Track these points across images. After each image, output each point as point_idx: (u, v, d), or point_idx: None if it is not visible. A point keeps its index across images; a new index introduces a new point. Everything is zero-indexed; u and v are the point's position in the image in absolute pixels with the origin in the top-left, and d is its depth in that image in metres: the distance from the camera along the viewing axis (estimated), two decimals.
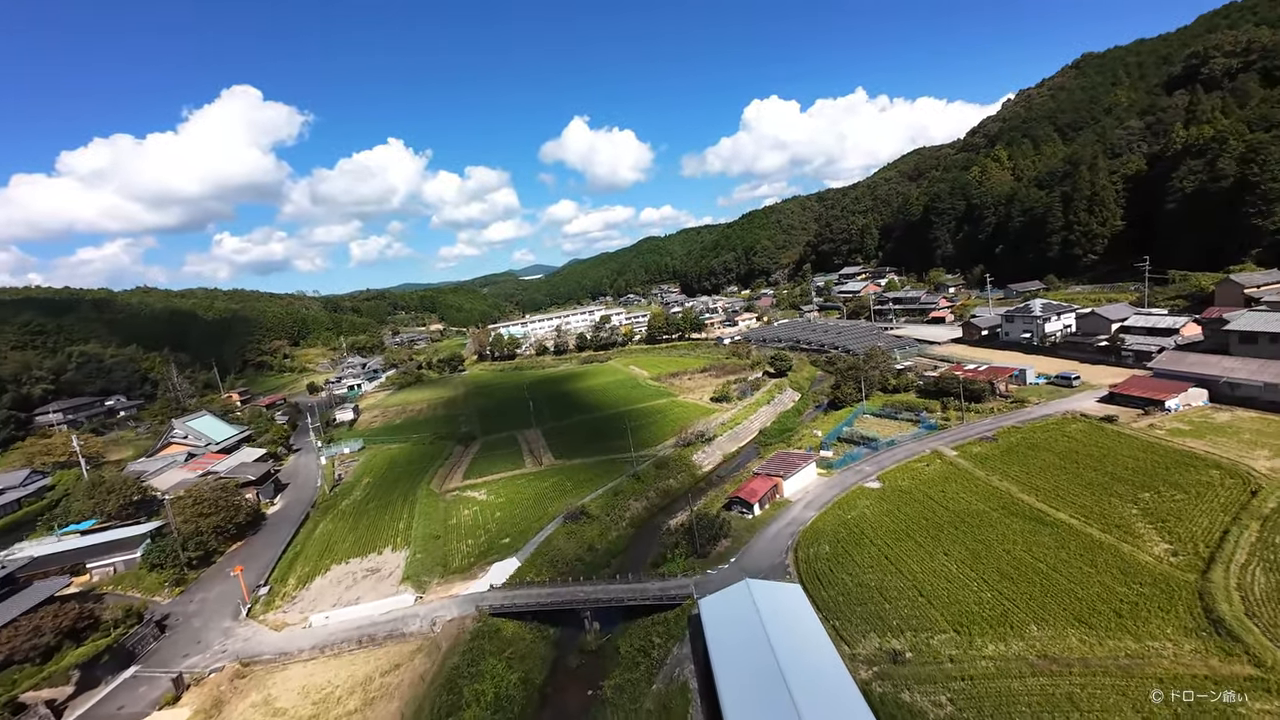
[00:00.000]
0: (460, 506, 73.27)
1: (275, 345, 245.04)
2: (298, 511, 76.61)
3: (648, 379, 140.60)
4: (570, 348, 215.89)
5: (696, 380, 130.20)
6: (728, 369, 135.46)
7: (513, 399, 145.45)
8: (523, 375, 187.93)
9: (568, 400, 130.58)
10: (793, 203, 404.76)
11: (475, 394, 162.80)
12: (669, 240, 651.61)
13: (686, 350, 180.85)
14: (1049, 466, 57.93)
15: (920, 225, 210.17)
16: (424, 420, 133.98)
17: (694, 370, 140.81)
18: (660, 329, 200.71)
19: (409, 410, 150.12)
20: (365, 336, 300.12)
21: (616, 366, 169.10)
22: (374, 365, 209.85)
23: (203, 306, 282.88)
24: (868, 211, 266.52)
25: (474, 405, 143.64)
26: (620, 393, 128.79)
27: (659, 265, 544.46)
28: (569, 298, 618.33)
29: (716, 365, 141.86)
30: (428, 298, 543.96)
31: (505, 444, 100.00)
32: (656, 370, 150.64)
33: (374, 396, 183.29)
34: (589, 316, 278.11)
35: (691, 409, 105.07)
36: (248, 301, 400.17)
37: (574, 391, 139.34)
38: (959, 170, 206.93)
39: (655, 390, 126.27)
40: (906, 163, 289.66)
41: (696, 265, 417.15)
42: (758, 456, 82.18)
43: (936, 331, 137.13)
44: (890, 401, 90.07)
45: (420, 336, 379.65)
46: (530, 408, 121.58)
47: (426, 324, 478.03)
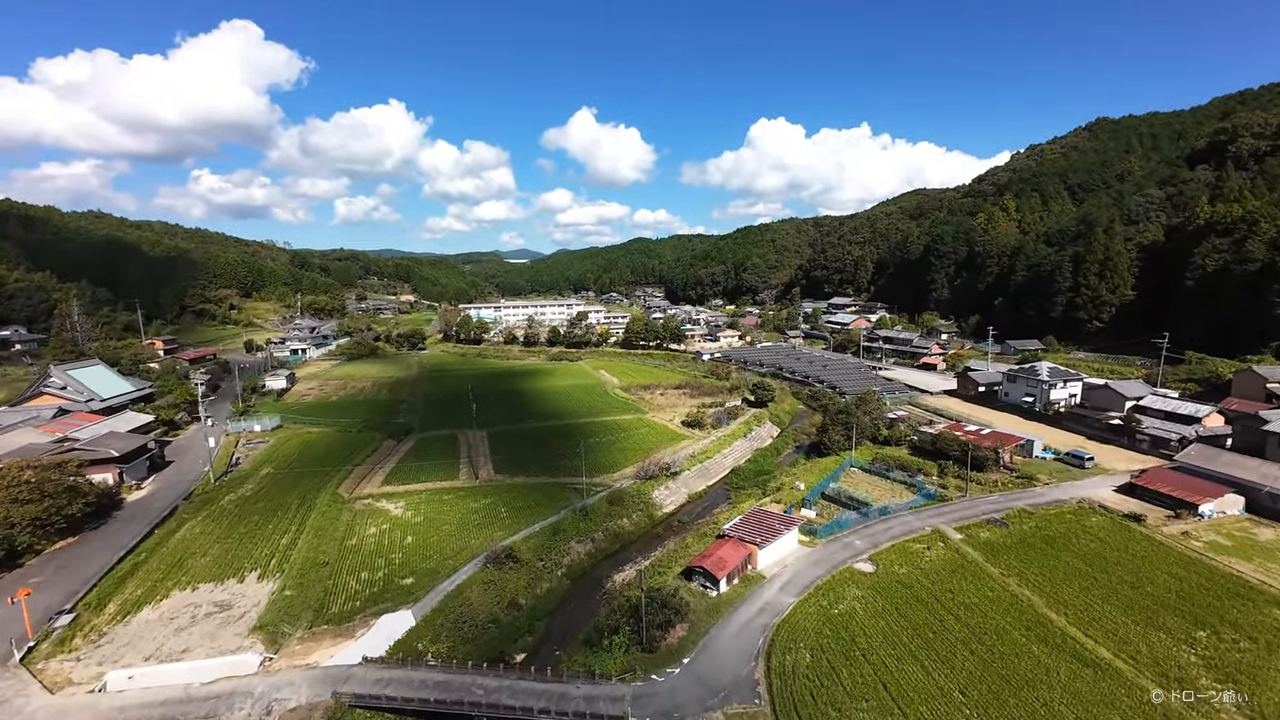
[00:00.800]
0: (368, 522, 60.33)
1: (221, 294, 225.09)
2: (165, 503, 62.41)
3: (617, 388, 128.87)
4: (541, 340, 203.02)
5: (669, 397, 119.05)
6: (704, 389, 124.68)
7: (468, 388, 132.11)
8: (484, 364, 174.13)
9: (526, 401, 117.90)
10: (789, 224, 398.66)
11: (428, 378, 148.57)
12: (660, 244, 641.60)
13: (663, 361, 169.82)
14: (1075, 573, 48.25)
15: (918, 265, 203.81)
16: (363, 401, 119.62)
17: (668, 385, 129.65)
18: (638, 334, 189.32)
19: (351, 386, 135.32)
20: (326, 298, 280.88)
21: (586, 369, 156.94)
22: (325, 330, 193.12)
23: (149, 241, 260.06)
24: (865, 243, 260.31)
25: (422, 391, 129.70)
26: (585, 400, 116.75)
27: (646, 267, 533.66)
28: (551, 287, 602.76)
29: (693, 384, 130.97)
30: (403, 266, 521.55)
31: (443, 445, 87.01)
32: (628, 379, 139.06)
33: (318, 365, 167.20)
34: (566, 310, 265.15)
35: (659, 431, 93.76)
36: (207, 243, 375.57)
37: (535, 392, 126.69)
38: (964, 215, 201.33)
39: (623, 403, 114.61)
40: (909, 200, 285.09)
41: (684, 273, 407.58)
42: (728, 503, 71.32)
43: (928, 379, 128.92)
44: (881, 455, 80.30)
45: (388, 306, 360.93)
46: (478, 406, 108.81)
47: (398, 293, 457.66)
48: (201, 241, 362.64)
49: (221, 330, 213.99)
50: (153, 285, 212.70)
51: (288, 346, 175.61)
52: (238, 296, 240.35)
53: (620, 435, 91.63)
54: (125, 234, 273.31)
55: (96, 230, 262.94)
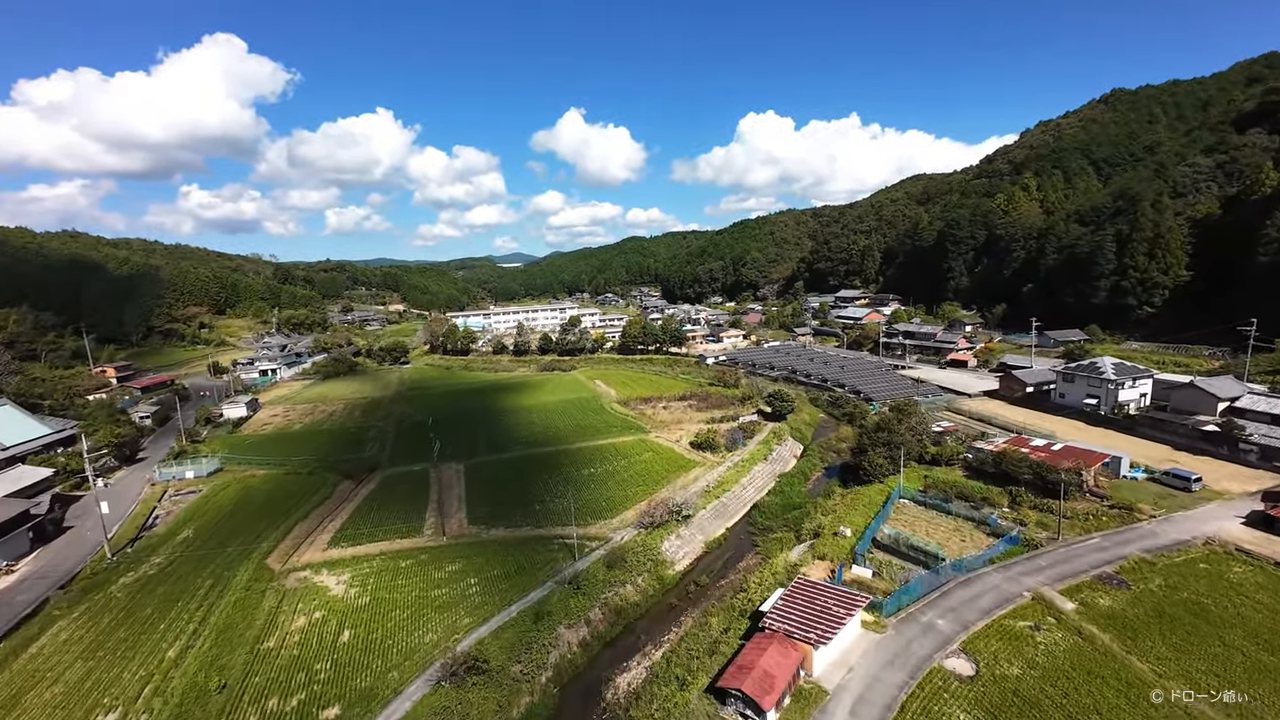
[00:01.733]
0: (297, 607, 46.73)
1: (190, 312, 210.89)
2: (36, 593, 48.72)
3: (615, 402, 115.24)
4: (532, 349, 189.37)
5: (674, 411, 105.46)
6: (712, 400, 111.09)
7: (447, 410, 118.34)
8: (470, 377, 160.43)
9: (512, 422, 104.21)
10: (787, 215, 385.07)
11: (406, 397, 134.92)
12: (654, 242, 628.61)
13: (664, 367, 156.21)
14: (1256, 667, 34.81)
15: (932, 253, 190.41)
16: (328, 429, 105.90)
17: (671, 397, 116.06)
18: (636, 338, 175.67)
19: (319, 411, 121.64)
20: (306, 311, 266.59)
21: (580, 379, 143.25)
22: (298, 348, 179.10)
23: (119, 260, 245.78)
24: (870, 232, 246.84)
25: (397, 413, 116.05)
26: (579, 418, 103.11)
27: (641, 266, 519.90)
28: (545, 290, 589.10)
29: (698, 393, 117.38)
30: (391, 275, 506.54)
31: (411, 486, 73.43)
32: (627, 390, 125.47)
33: (288, 387, 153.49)
34: (558, 315, 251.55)
35: (665, 457, 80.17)
36: (186, 259, 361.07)
37: (522, 410, 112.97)
38: (979, 197, 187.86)
39: (622, 420, 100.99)
40: (914, 185, 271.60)
41: (681, 271, 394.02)
42: (755, 552, 57.79)
43: (960, 379, 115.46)
44: (933, 479, 66.93)
45: (375, 317, 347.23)
46: (457, 429, 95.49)
47: (386, 303, 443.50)
48: (181, 257, 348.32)
49: (190, 351, 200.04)
50: (116, 306, 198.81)
51: (256, 367, 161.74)
52: (209, 314, 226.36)
53: (620, 463, 77.98)
54: (97, 252, 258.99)
55: (63, 250, 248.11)
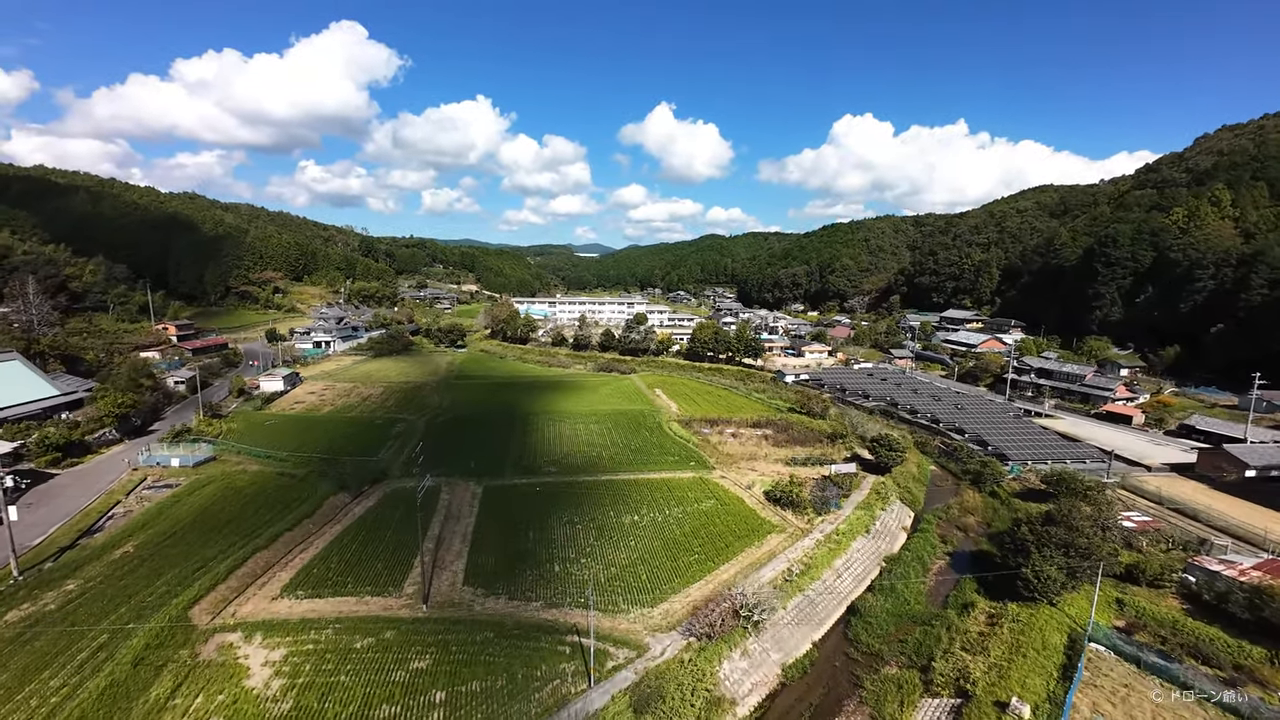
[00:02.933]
0: (192, 704, 32.87)
1: (266, 276, 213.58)
2: None
3: (674, 419, 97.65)
4: (593, 344, 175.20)
5: (745, 441, 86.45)
6: (793, 432, 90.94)
7: (487, 405, 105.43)
8: (521, 369, 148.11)
9: (553, 433, 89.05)
10: (884, 221, 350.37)
11: (450, 385, 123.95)
12: (733, 241, 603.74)
13: (735, 381, 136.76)
14: None
15: (1072, 275, 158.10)
16: (355, 418, 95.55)
17: (743, 422, 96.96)
18: (706, 344, 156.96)
19: (357, 393, 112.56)
20: (378, 284, 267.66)
21: (639, 387, 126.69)
22: (354, 321, 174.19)
23: (215, 220, 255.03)
24: (989, 245, 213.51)
25: (435, 405, 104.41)
26: (630, 438, 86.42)
27: (718, 265, 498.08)
28: (617, 282, 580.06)
29: (776, 421, 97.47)
30: (469, 255, 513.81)
31: (409, 511, 59.58)
32: (690, 407, 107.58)
33: (338, 361, 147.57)
34: (625, 309, 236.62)
35: (733, 510, 61.77)
36: (287, 225, 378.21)
37: (568, 418, 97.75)
38: (1145, 211, 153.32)
39: (681, 446, 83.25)
40: (1046, 194, 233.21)
41: (760, 273, 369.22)
42: (858, 701, 38.43)
43: (1126, 441, 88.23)
44: (1134, 609, 44.64)
45: (446, 295, 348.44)
46: (489, 433, 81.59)
47: (460, 282, 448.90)
48: (280, 224, 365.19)
49: (261, 315, 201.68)
50: (200, 264, 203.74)
51: (311, 338, 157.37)
52: (285, 280, 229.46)
53: (673, 512, 60.38)
54: (208, 214, 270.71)
55: (181, 209, 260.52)
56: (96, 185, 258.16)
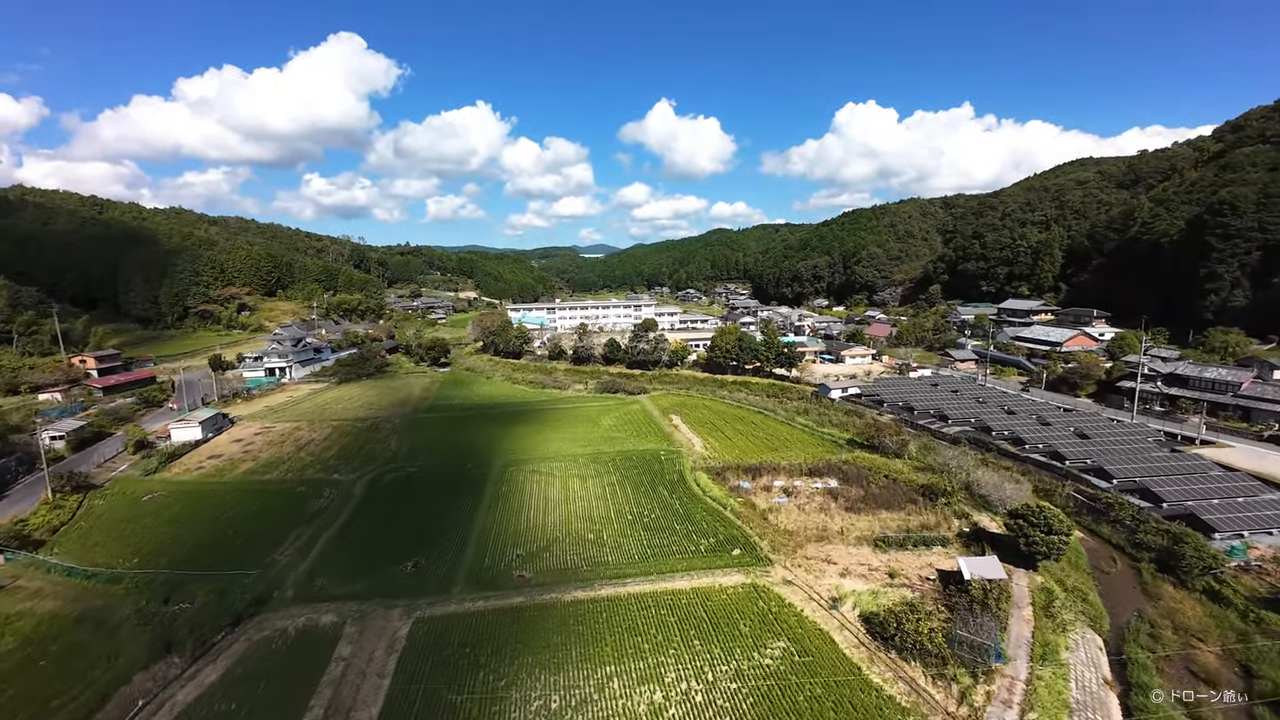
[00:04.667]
0: None
1: (229, 293, 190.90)
2: None
3: (702, 465, 72.43)
4: (596, 356, 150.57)
5: (805, 501, 61.13)
6: (869, 484, 65.19)
7: (454, 450, 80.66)
8: (508, 392, 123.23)
9: (534, 499, 64.20)
10: (910, 205, 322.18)
11: (415, 420, 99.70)
12: (742, 235, 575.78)
13: (767, 399, 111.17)
14: None
15: (1174, 253, 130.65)
16: (275, 481, 71.49)
17: (795, 468, 71.48)
18: (727, 353, 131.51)
19: (296, 438, 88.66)
20: (361, 296, 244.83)
21: (651, 412, 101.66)
22: (317, 341, 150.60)
23: (178, 232, 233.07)
24: (1049, 223, 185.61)
25: (386, 453, 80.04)
26: (644, 503, 61.36)
27: (728, 260, 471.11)
28: (623, 282, 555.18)
29: (840, 464, 71.75)
30: (466, 260, 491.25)
31: (280, 686, 34.91)
32: (720, 443, 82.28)
33: (292, 391, 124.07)
34: (632, 313, 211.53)
35: (818, 659, 36.51)
36: (279, 237, 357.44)
37: (557, 466, 72.81)
38: (1267, 170, 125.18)
39: (717, 516, 58.09)
40: (1113, 164, 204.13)
41: (776, 266, 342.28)
42: None
43: None
44: None
45: (441, 304, 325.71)
46: (453, 497, 57.07)
47: (459, 289, 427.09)
48: (271, 236, 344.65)
49: (223, 337, 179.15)
50: (151, 284, 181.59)
51: (263, 364, 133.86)
52: (253, 295, 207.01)
53: (723, 671, 35.20)
54: (195, 230, 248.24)
55: (165, 228, 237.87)
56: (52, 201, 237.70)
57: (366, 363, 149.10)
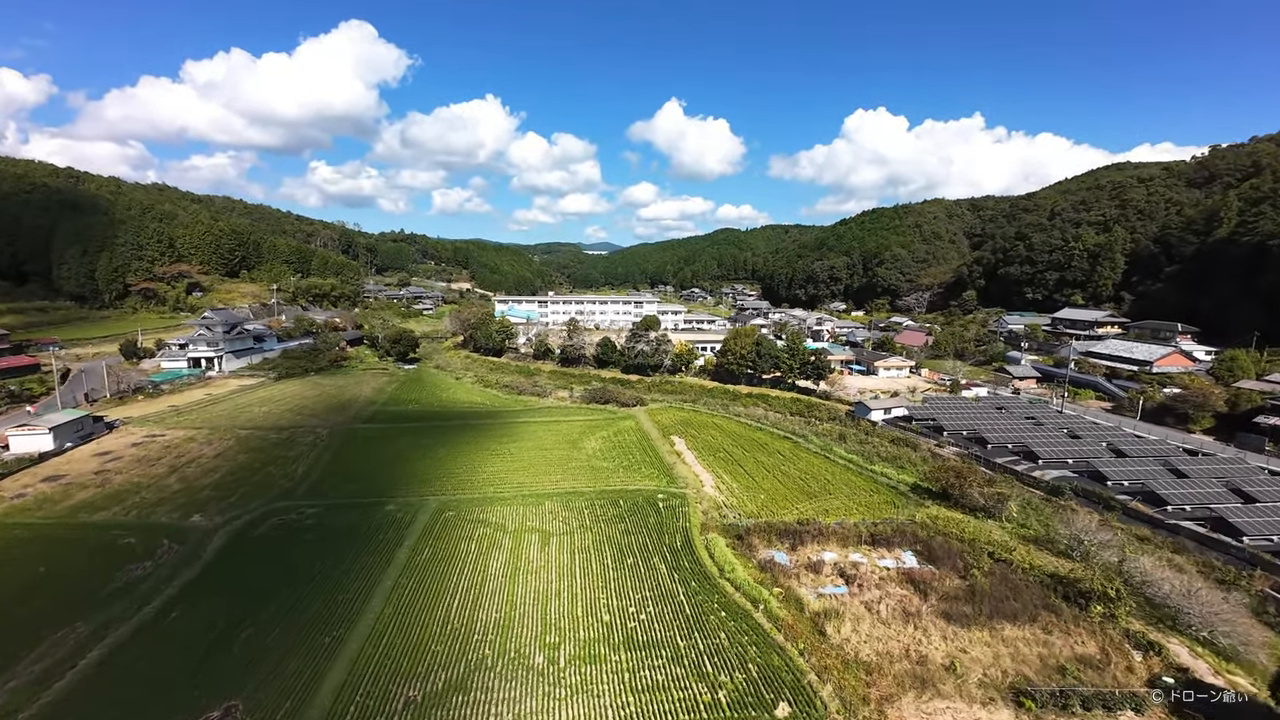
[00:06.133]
0: None
1: (177, 270, 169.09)
2: None
3: (716, 517, 50.56)
4: (587, 356, 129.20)
5: (873, 596, 39.35)
6: (976, 579, 43.39)
7: (380, 484, 58.15)
8: (477, 399, 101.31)
9: (465, 583, 42.42)
10: (935, 205, 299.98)
11: (349, 433, 77.87)
12: (751, 235, 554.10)
13: (792, 417, 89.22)
14: None
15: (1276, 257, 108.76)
16: (118, 522, 49.84)
17: (849, 534, 49.57)
18: (742, 359, 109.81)
19: (182, 454, 67.13)
20: (336, 280, 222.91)
21: (647, 430, 79.88)
22: (258, 328, 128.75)
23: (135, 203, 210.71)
24: (1110, 224, 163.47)
25: (286, 482, 58.14)
26: (625, 599, 39.57)
27: (736, 260, 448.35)
28: (626, 280, 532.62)
29: (917, 529, 49.79)
30: (462, 250, 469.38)
31: None
32: (734, 482, 60.31)
33: (218, 387, 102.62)
34: (631, 309, 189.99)
35: None
36: (266, 219, 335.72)
37: (511, 517, 50.98)
38: None
39: (740, 611, 36.30)
40: (1181, 167, 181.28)
41: (789, 266, 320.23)
42: None
43: None
44: None
45: (430, 295, 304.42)
46: (316, 612, 34.95)
47: (453, 280, 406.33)
48: (260, 219, 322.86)
49: (169, 320, 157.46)
50: (87, 257, 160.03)
51: (187, 353, 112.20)
52: (212, 275, 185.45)
53: None
54: (180, 207, 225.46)
55: (128, 200, 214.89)
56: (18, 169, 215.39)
57: (319, 356, 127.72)
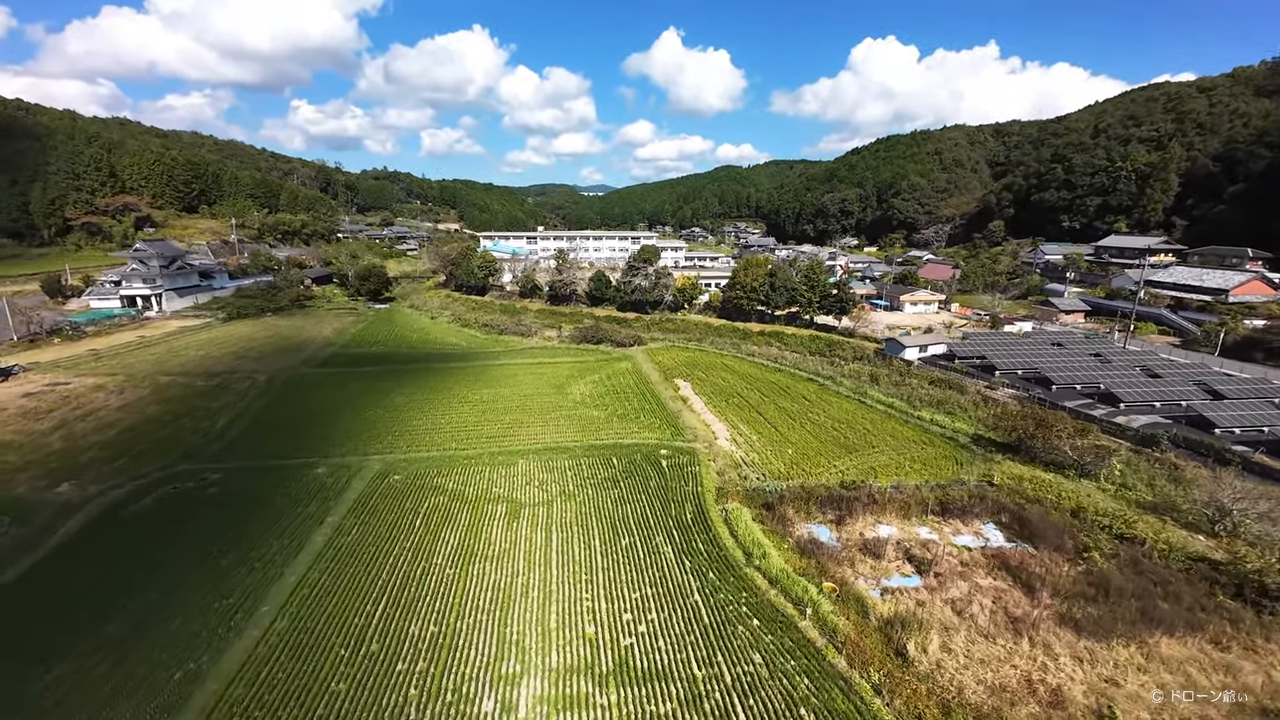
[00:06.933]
0: None
1: (119, 202, 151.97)
2: None
3: (735, 479, 38.80)
4: (579, 293, 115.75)
5: (957, 587, 28.00)
6: (1095, 564, 31.99)
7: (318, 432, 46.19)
8: (452, 339, 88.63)
9: (401, 559, 30.92)
10: (956, 131, 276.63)
11: (295, 378, 65.67)
12: (753, 171, 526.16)
13: (811, 357, 76.87)
14: None
15: None
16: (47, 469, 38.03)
17: (910, 501, 37.93)
18: (753, 292, 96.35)
19: (77, 406, 54.88)
20: (307, 217, 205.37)
21: (646, 372, 67.65)
22: (206, 263, 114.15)
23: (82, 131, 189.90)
24: (1165, 140, 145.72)
25: (191, 440, 46.12)
26: (622, 601, 28.19)
27: (738, 196, 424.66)
28: (623, 220, 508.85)
29: (993, 491, 38.26)
30: (449, 189, 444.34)
31: None
32: (754, 434, 48.20)
33: (147, 329, 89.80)
34: (628, 245, 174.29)
35: None
36: (239, 155, 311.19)
37: (480, 467, 39.38)
38: None
39: (780, 619, 24.87)
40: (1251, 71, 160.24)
41: (796, 200, 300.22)
42: None
43: None
44: None
45: (415, 235, 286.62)
46: None
47: (440, 220, 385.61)
48: (230, 155, 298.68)
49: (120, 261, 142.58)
50: (19, 188, 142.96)
51: (121, 291, 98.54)
52: (167, 210, 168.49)
53: None
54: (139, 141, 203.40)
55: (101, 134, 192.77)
56: None
57: (279, 294, 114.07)
